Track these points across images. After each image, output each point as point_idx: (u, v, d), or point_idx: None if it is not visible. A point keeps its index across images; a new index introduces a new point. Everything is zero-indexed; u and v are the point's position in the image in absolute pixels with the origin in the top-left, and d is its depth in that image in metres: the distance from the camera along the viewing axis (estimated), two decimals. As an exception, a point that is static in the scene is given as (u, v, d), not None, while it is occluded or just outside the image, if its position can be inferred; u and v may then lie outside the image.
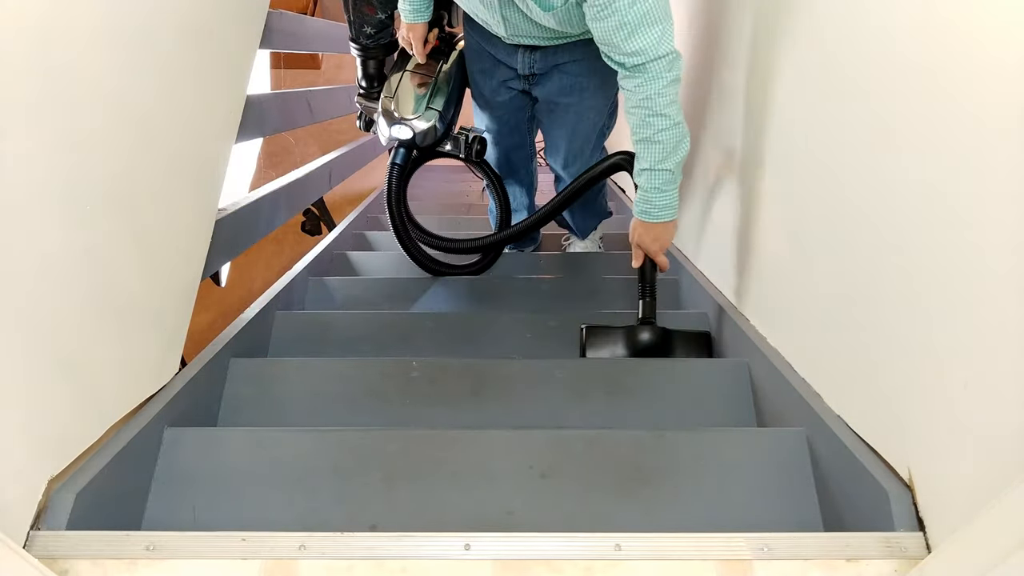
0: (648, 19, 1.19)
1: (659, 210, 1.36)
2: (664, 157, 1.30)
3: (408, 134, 1.74)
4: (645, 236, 1.40)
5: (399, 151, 1.75)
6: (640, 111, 1.28)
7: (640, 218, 1.38)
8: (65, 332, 0.80)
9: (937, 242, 0.72)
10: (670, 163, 1.30)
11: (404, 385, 1.28)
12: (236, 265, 2.82)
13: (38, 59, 0.71)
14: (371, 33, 1.75)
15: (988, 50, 0.64)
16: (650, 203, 1.36)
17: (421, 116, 1.73)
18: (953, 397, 0.69)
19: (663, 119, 1.26)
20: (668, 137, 1.28)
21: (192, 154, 1.10)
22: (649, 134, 1.28)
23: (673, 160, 1.31)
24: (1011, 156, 0.61)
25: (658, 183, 1.33)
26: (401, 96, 1.75)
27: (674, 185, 1.35)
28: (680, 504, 0.98)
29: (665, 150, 1.29)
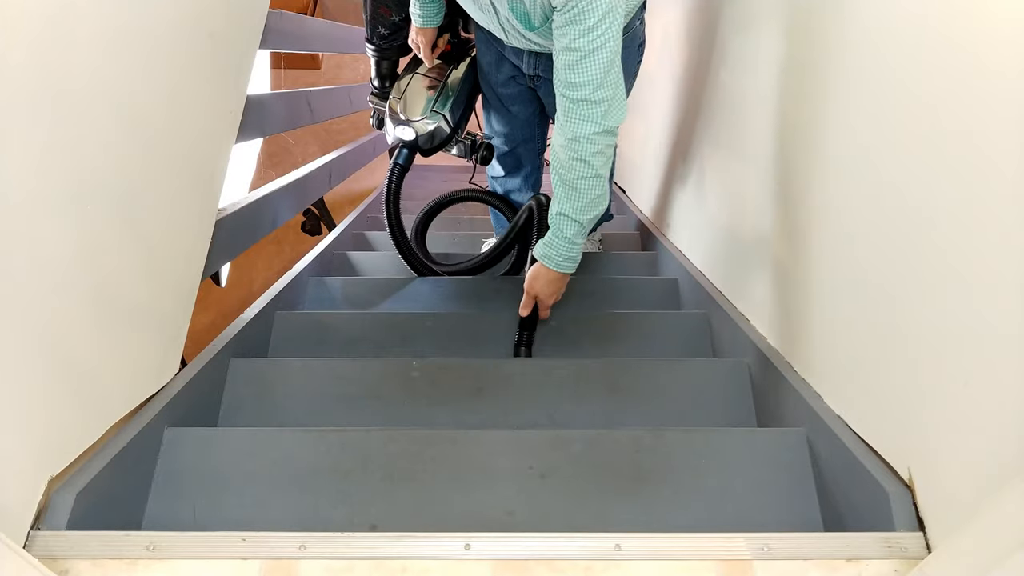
0: (597, 56, 1.16)
1: (565, 261, 1.34)
2: (581, 207, 1.28)
3: (412, 135, 1.75)
4: (547, 286, 1.38)
5: (402, 151, 1.77)
6: (565, 151, 1.25)
7: (546, 264, 1.36)
8: (65, 332, 0.80)
9: (937, 242, 0.72)
10: (585, 215, 1.29)
11: (404, 385, 1.28)
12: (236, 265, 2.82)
13: (38, 59, 0.71)
14: (384, 34, 1.77)
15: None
16: (558, 252, 1.34)
17: (426, 118, 1.74)
18: (953, 396, 0.69)
19: (586, 167, 1.24)
20: (587, 187, 1.26)
21: (192, 154, 1.10)
22: (570, 178, 1.26)
23: (589, 213, 1.29)
24: (1012, 160, 0.61)
25: (569, 233, 1.31)
26: (409, 97, 1.77)
27: (582, 240, 1.33)
28: (680, 504, 0.98)
29: (582, 200, 1.27)
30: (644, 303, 1.77)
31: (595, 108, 1.20)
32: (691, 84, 1.78)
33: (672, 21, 2.01)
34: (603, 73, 1.18)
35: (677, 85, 1.93)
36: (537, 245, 1.39)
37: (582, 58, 1.17)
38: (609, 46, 1.16)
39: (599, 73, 1.17)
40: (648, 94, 2.25)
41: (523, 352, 1.45)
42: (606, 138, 1.23)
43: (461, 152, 1.83)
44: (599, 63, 1.17)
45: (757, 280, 1.29)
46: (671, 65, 2.00)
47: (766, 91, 1.23)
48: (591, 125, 1.21)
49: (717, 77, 1.54)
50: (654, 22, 2.15)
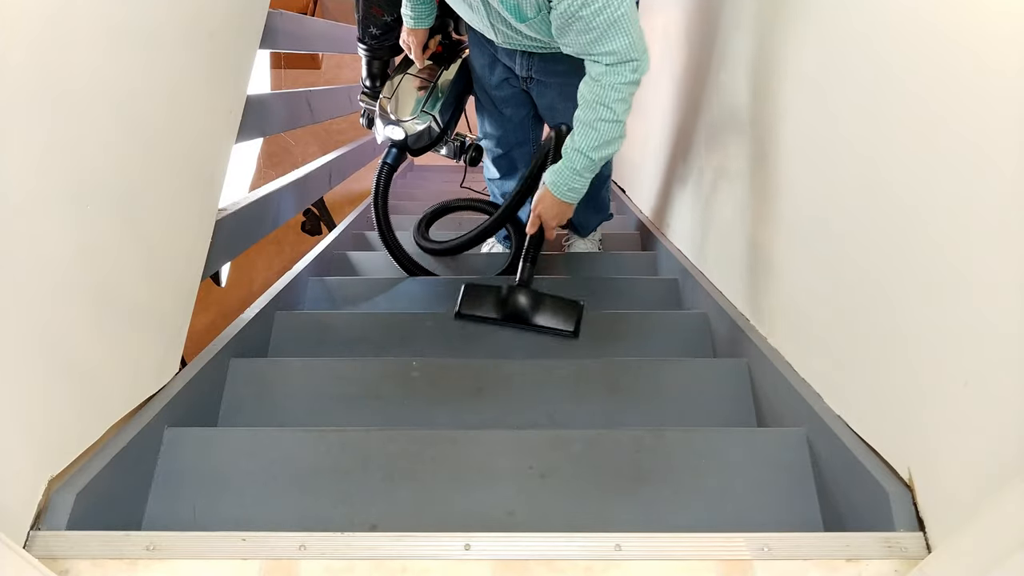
0: (616, 26, 1.23)
1: (570, 191, 1.43)
2: (596, 146, 1.36)
3: (400, 135, 1.77)
4: (551, 209, 1.48)
5: (391, 151, 1.79)
6: (591, 95, 1.32)
7: (551, 190, 1.45)
8: (65, 332, 0.80)
9: (937, 241, 0.72)
10: (597, 153, 1.37)
11: (404, 385, 1.28)
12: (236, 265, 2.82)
13: (40, 60, 0.71)
14: (376, 34, 1.78)
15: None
16: (565, 181, 1.42)
17: (415, 119, 1.75)
18: (953, 397, 0.69)
19: (609, 111, 1.31)
20: (607, 129, 1.34)
21: (192, 154, 1.10)
22: (591, 119, 1.33)
23: (601, 152, 1.37)
24: (1012, 158, 0.61)
25: (579, 166, 1.39)
26: (399, 97, 1.78)
27: (590, 174, 1.41)
28: (680, 504, 0.98)
29: (600, 139, 1.35)
30: (644, 303, 1.77)
31: (626, 66, 1.27)
32: (691, 84, 1.78)
33: (672, 21, 2.01)
34: (628, 35, 1.24)
35: (677, 85, 1.93)
36: (548, 171, 1.46)
37: (603, 33, 1.24)
38: (623, 9, 1.21)
39: (625, 40, 1.24)
40: (648, 94, 2.25)
41: (527, 268, 1.54)
42: (631, 88, 1.30)
43: (450, 153, 1.86)
44: (622, 30, 1.23)
45: (756, 279, 1.29)
46: (671, 65, 2.00)
47: (765, 88, 1.23)
48: (619, 78, 1.29)
49: (717, 77, 1.54)
50: (654, 21, 2.16)
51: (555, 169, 1.44)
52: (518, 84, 1.71)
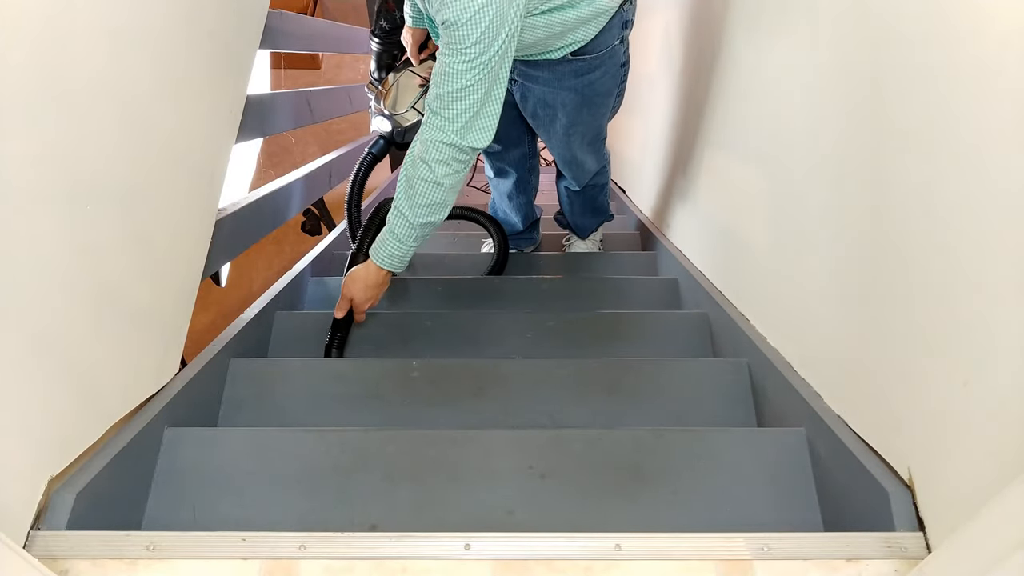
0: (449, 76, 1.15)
1: (389, 257, 1.31)
2: (413, 208, 1.25)
3: (389, 127, 1.81)
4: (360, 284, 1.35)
5: (378, 142, 1.84)
6: (417, 148, 1.24)
7: (372, 258, 1.32)
8: (65, 332, 0.80)
9: (937, 240, 0.72)
10: (416, 217, 1.25)
11: (404, 385, 1.28)
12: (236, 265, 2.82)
13: (40, 60, 0.71)
14: (386, 28, 1.81)
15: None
16: (384, 246, 1.30)
17: (406, 114, 1.79)
18: (953, 396, 0.69)
19: (428, 170, 1.22)
20: (425, 190, 1.23)
21: (192, 154, 1.10)
22: (411, 175, 1.24)
23: (421, 217, 1.25)
24: (1012, 156, 0.61)
25: (398, 231, 1.28)
26: (396, 91, 1.82)
27: (410, 245, 1.29)
28: (680, 504, 0.98)
29: (417, 201, 1.24)
30: (644, 303, 1.77)
31: (448, 123, 1.19)
32: (691, 84, 1.78)
33: (673, 21, 2.01)
34: (461, 90, 1.16)
35: (678, 85, 1.93)
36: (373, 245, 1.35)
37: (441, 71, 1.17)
38: (476, 70, 1.14)
39: (454, 90, 1.16)
40: (648, 94, 2.26)
41: (334, 353, 1.43)
42: (455, 152, 1.21)
43: None
44: (459, 80, 1.15)
45: (756, 279, 1.29)
46: (672, 65, 2.00)
47: (766, 90, 1.23)
48: (441, 134, 1.20)
49: (717, 76, 1.54)
50: (654, 21, 2.16)
51: (379, 238, 1.32)
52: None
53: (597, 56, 1.48)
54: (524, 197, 2.05)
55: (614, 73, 1.56)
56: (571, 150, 1.74)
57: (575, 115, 1.61)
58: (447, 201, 1.27)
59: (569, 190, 1.99)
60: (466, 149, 1.22)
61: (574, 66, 1.49)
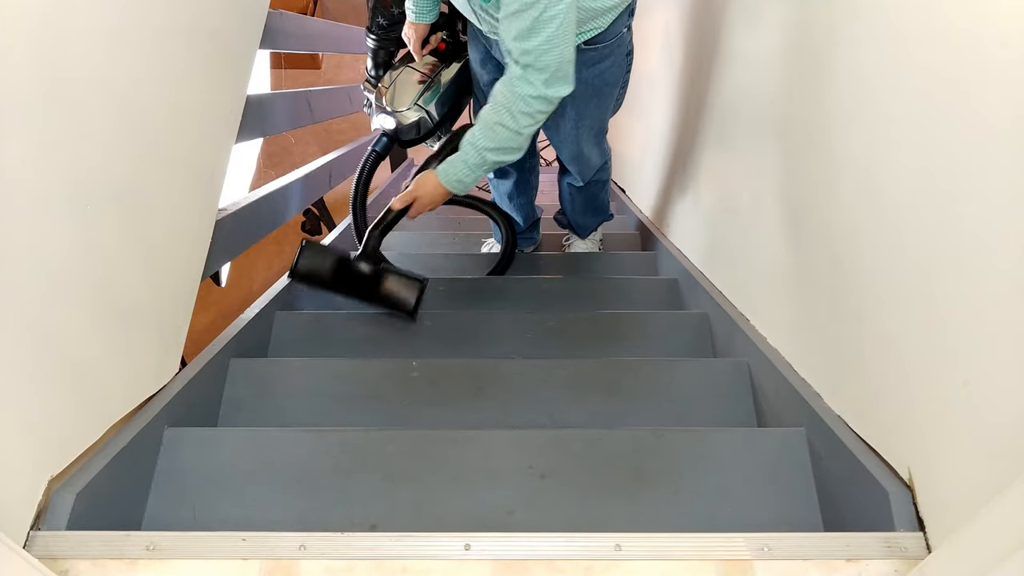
0: (541, 28, 1.20)
1: (457, 182, 1.41)
2: (491, 148, 1.34)
3: (392, 124, 1.80)
4: (429, 193, 1.45)
5: (381, 139, 1.83)
6: (501, 97, 1.30)
7: (439, 176, 1.42)
8: (65, 332, 0.80)
9: (938, 241, 0.72)
10: (491, 156, 1.35)
11: (404, 385, 1.28)
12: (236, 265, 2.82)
13: (39, 59, 0.71)
14: (383, 25, 1.80)
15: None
16: (455, 171, 1.40)
17: (408, 110, 1.77)
18: (953, 397, 0.69)
19: (512, 119, 1.29)
20: (505, 136, 1.32)
21: (192, 154, 1.10)
22: (493, 120, 1.32)
23: (495, 156, 1.35)
24: (1013, 155, 0.61)
25: (471, 162, 1.37)
26: (397, 88, 1.80)
27: (480, 173, 1.40)
28: (680, 504, 0.98)
29: (496, 143, 1.33)
30: (644, 303, 1.77)
31: (538, 75, 1.25)
32: (691, 84, 1.78)
33: (673, 20, 2.01)
34: (548, 40, 1.21)
35: (678, 85, 1.93)
36: (442, 161, 1.44)
37: (528, 29, 1.21)
38: (559, 17, 1.19)
39: (544, 40, 1.21)
40: (648, 94, 2.26)
41: (374, 239, 1.49)
42: (541, 104, 1.28)
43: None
44: (546, 31, 1.20)
45: (756, 278, 1.29)
46: (672, 64, 2.00)
47: (767, 88, 1.23)
48: (531, 88, 1.26)
49: (717, 76, 1.54)
50: (654, 21, 2.16)
51: (450, 159, 1.42)
52: None
53: (608, 44, 1.49)
54: (524, 197, 2.05)
55: (620, 62, 1.58)
56: (578, 143, 1.74)
57: (583, 107, 1.62)
58: (522, 147, 1.36)
59: (572, 187, 1.99)
60: (553, 99, 1.28)
61: (586, 56, 1.49)
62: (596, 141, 1.77)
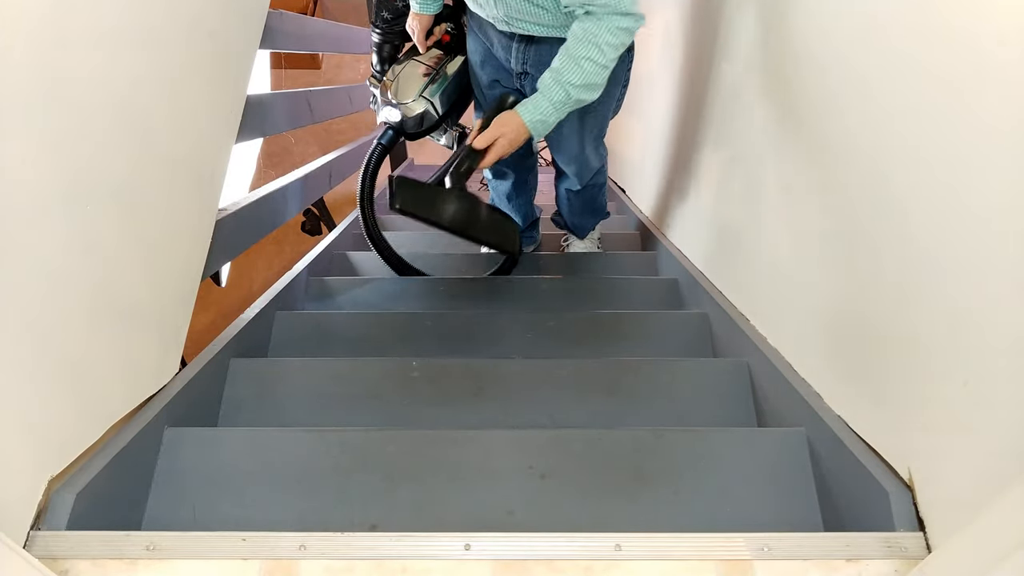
0: None
1: (538, 121, 1.38)
2: (577, 84, 1.32)
3: (397, 117, 1.78)
4: (510, 133, 1.40)
5: (387, 132, 1.83)
6: (582, 32, 1.29)
7: (522, 115, 1.38)
8: (65, 332, 0.80)
9: (938, 240, 0.72)
10: (576, 93, 1.33)
11: (404, 385, 1.28)
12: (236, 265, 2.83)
13: (39, 59, 0.71)
14: (388, 19, 1.81)
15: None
16: (536, 107, 1.36)
17: (413, 103, 1.76)
18: (953, 397, 0.69)
19: (599, 52, 1.28)
20: (591, 71, 1.30)
21: (192, 154, 1.10)
22: (579, 55, 1.30)
23: (580, 93, 1.33)
24: (1013, 155, 0.61)
25: (556, 99, 1.34)
26: (402, 81, 1.79)
27: (563, 111, 1.37)
28: (680, 504, 0.98)
29: (582, 78, 1.31)
30: (644, 303, 1.77)
31: (616, 18, 1.26)
32: (690, 83, 1.78)
33: (673, 20, 2.01)
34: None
35: (677, 85, 1.93)
36: (522, 102, 1.41)
37: None
38: None
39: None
40: (648, 94, 2.25)
41: (461, 177, 1.44)
42: (625, 37, 1.28)
43: (449, 142, 1.88)
44: None
45: (756, 278, 1.29)
46: (672, 64, 2.00)
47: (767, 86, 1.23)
48: (612, 21, 1.27)
49: (716, 76, 1.54)
50: (654, 20, 2.16)
51: (530, 99, 1.38)
52: (510, 83, 1.70)
53: None
54: (523, 197, 2.05)
55: (623, 57, 1.57)
56: (581, 144, 1.73)
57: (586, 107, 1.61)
58: (602, 85, 1.35)
59: (570, 191, 1.99)
60: (638, 16, 1.28)
61: None
62: (595, 143, 1.77)
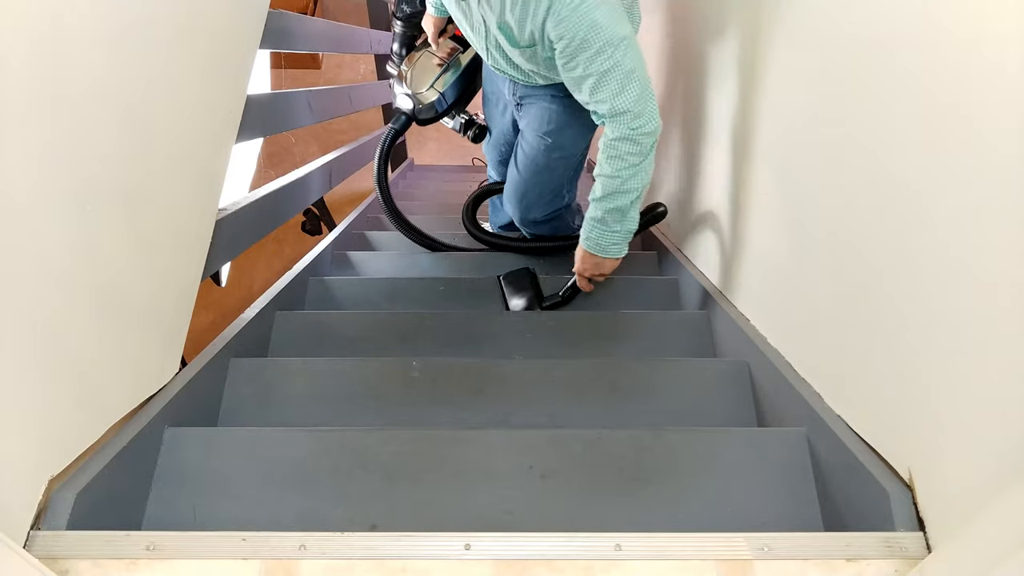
0: (612, 74, 1.26)
1: (596, 246, 1.46)
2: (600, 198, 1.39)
3: (409, 105, 1.92)
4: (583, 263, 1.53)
5: (400, 118, 1.96)
6: (608, 150, 1.34)
7: (584, 247, 1.48)
8: (66, 332, 0.80)
9: (938, 240, 0.72)
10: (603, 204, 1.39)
11: (404, 385, 1.28)
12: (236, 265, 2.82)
13: (38, 59, 0.71)
14: (407, 12, 1.92)
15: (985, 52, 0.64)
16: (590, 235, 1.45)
17: (424, 92, 1.90)
18: (953, 397, 0.69)
19: (621, 162, 1.33)
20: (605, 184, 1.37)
21: (192, 154, 1.10)
22: (610, 171, 1.36)
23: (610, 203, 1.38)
24: (1010, 156, 0.61)
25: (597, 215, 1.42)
26: (416, 70, 1.93)
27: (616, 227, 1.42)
28: (680, 504, 0.98)
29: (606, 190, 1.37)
30: (644, 303, 1.77)
31: (625, 117, 1.29)
32: (691, 81, 1.78)
33: (673, 20, 2.01)
34: (620, 88, 1.27)
35: (676, 82, 1.93)
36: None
37: (599, 79, 1.26)
38: (624, 64, 1.25)
39: (615, 88, 1.27)
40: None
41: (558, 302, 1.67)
42: (643, 138, 1.31)
43: (457, 128, 2.01)
44: (614, 79, 1.26)
45: (757, 279, 1.29)
46: (670, 63, 2.00)
47: (768, 86, 1.23)
48: (624, 129, 1.30)
49: (715, 72, 1.54)
50: (653, 21, 2.16)
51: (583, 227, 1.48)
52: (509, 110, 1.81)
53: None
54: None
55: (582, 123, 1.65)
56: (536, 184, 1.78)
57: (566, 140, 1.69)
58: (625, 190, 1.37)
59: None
60: (637, 138, 1.31)
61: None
62: (540, 194, 1.81)
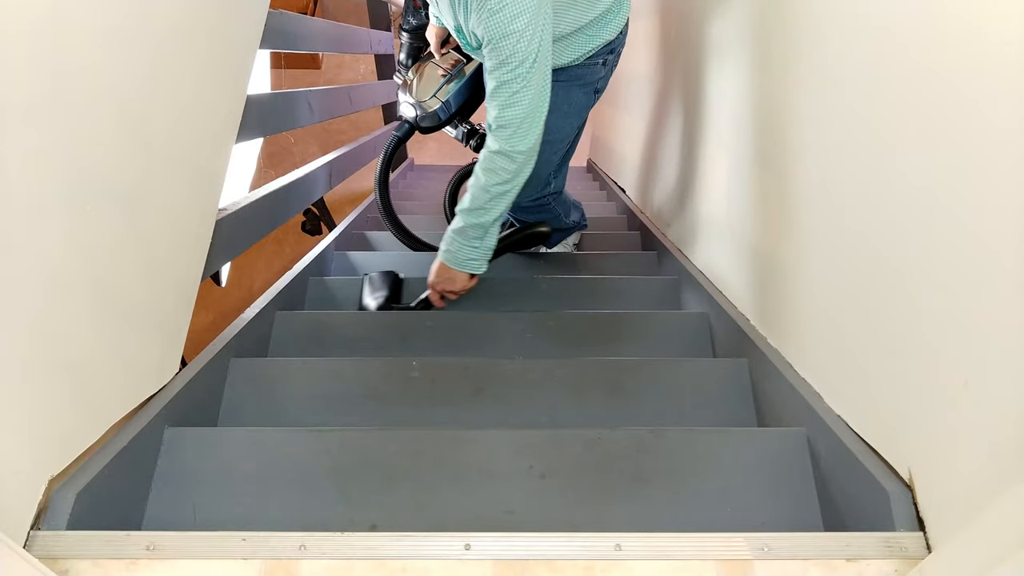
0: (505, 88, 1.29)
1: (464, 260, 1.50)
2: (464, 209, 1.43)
3: (412, 113, 1.94)
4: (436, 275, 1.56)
5: (403, 126, 2.00)
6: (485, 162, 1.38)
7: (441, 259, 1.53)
8: (65, 332, 0.80)
9: (938, 240, 0.72)
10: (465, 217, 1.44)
11: (404, 385, 1.28)
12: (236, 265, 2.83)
13: (38, 59, 0.71)
14: (413, 23, 1.96)
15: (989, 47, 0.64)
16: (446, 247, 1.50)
17: (428, 101, 1.91)
18: (953, 397, 0.69)
19: (474, 177, 1.39)
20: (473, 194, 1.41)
21: (192, 154, 1.10)
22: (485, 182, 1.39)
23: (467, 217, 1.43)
24: (1012, 153, 0.61)
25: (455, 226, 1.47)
26: (421, 79, 1.94)
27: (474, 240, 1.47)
28: (680, 504, 0.98)
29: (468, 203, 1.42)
30: (644, 303, 1.77)
31: (498, 131, 1.34)
32: (691, 82, 1.78)
33: (673, 20, 2.01)
34: (505, 102, 1.30)
35: (673, 83, 1.93)
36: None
37: (495, 87, 1.31)
38: (518, 81, 1.28)
39: (502, 101, 1.31)
40: (648, 94, 2.26)
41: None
42: (501, 160, 1.35)
43: (459, 137, 2.01)
44: (504, 93, 1.30)
45: (757, 278, 1.29)
46: (668, 62, 2.00)
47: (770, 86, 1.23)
48: (491, 143, 1.36)
49: (714, 72, 1.54)
50: (652, 22, 2.16)
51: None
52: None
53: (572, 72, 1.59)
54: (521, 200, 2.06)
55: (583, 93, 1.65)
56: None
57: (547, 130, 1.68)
58: (489, 207, 1.41)
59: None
60: (510, 154, 1.34)
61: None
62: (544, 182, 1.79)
